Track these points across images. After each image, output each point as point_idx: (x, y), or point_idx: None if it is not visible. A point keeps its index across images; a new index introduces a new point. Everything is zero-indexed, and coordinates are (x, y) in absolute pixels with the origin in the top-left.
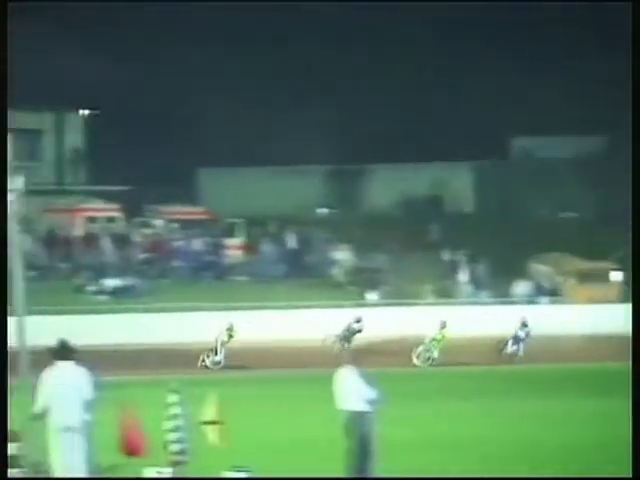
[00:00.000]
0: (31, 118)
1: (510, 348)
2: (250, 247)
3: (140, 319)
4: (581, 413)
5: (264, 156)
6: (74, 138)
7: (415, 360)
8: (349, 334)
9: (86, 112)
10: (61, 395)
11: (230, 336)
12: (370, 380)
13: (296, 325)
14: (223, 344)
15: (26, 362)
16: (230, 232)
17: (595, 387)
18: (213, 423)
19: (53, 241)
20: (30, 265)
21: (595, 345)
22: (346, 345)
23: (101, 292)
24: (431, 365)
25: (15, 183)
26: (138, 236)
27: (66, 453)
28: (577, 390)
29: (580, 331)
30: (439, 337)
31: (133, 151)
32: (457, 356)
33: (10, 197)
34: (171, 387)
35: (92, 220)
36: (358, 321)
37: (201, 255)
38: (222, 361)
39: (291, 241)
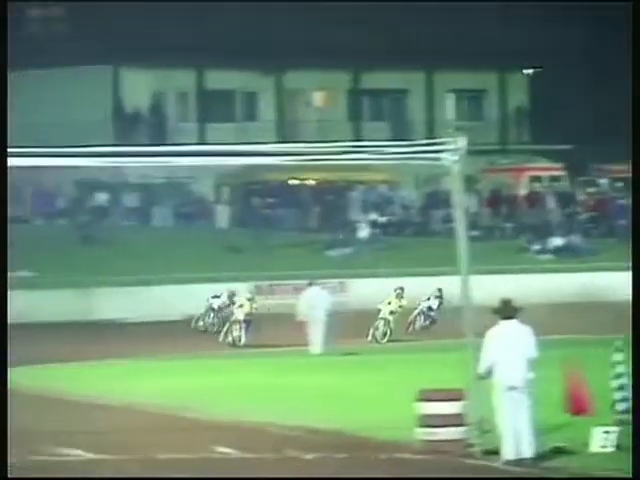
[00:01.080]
0: (474, 78)
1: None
2: None
3: (586, 278)
4: None
5: None
6: (517, 97)
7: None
8: None
9: (529, 71)
10: (506, 354)
11: None
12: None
13: None
14: None
15: (471, 321)
16: None
17: None
18: None
19: (496, 200)
20: (473, 224)
21: None
22: None
23: (544, 251)
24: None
25: (458, 143)
26: (582, 195)
27: (511, 411)
28: None
29: None
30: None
31: (576, 109)
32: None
33: (453, 157)
34: (617, 345)
35: (536, 179)
36: None
37: None
38: None
39: None
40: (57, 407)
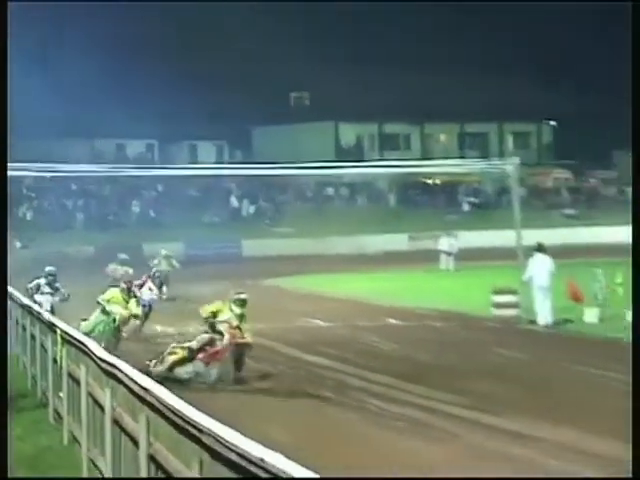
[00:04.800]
0: (524, 126)
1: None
2: None
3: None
4: None
5: None
6: (546, 137)
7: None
8: None
9: (552, 122)
10: (538, 269)
11: None
12: None
13: None
14: None
15: (520, 252)
16: None
17: None
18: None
19: (536, 190)
20: (523, 203)
21: None
22: None
23: (561, 215)
24: None
25: (514, 160)
26: (580, 188)
27: (540, 300)
28: None
29: None
30: None
31: (578, 143)
32: None
33: (511, 167)
34: (595, 270)
35: (556, 179)
36: None
37: None
38: None
39: None
40: (305, 298)
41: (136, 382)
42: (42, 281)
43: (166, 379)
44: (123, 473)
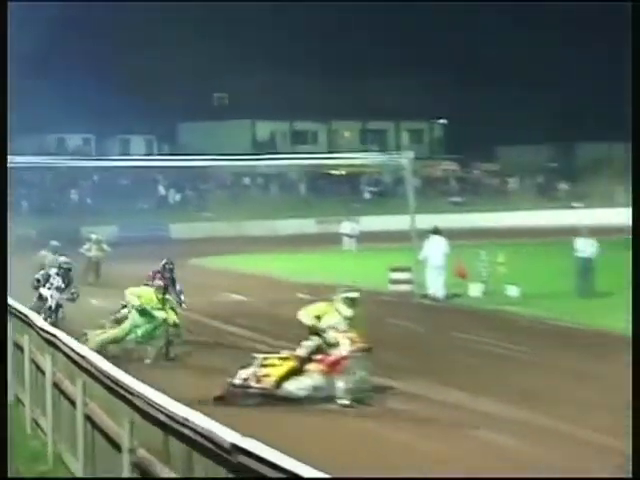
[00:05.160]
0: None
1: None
2: None
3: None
4: None
5: None
6: (436, 135)
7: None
8: None
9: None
10: (433, 250)
11: None
12: None
13: None
14: None
15: (415, 235)
16: None
17: None
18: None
19: (427, 180)
20: (416, 191)
21: None
22: None
23: (450, 203)
24: None
25: (409, 154)
26: (463, 177)
27: (433, 277)
28: None
29: None
30: None
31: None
32: None
33: (406, 160)
34: (481, 252)
35: (444, 170)
36: None
37: None
38: None
39: None
40: (226, 275)
41: (74, 350)
42: (53, 271)
43: (267, 398)
44: (62, 431)
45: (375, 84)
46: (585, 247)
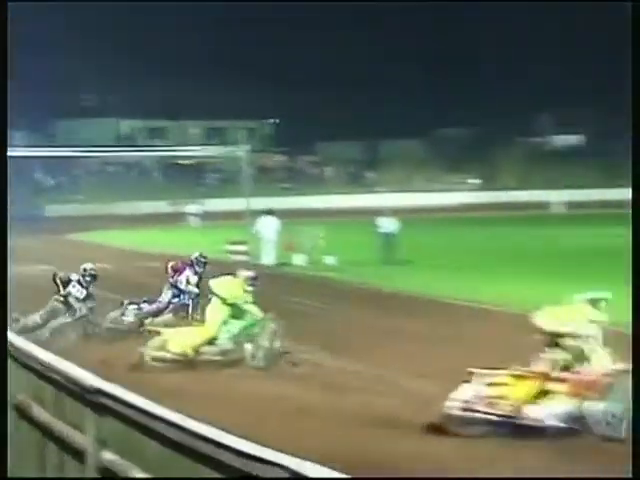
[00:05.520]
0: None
1: None
2: None
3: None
4: None
5: None
6: (263, 131)
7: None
8: None
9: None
10: (266, 225)
11: None
12: None
13: None
14: None
15: (249, 215)
16: None
17: None
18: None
19: (261, 167)
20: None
21: None
22: None
23: (287, 188)
24: None
25: (246, 148)
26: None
27: (268, 252)
28: None
29: None
30: None
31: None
32: None
33: (244, 152)
34: (320, 233)
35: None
36: None
37: None
38: None
39: None
40: (96, 248)
41: None
42: (74, 277)
43: (502, 427)
44: None
45: (216, 88)
46: (388, 224)
